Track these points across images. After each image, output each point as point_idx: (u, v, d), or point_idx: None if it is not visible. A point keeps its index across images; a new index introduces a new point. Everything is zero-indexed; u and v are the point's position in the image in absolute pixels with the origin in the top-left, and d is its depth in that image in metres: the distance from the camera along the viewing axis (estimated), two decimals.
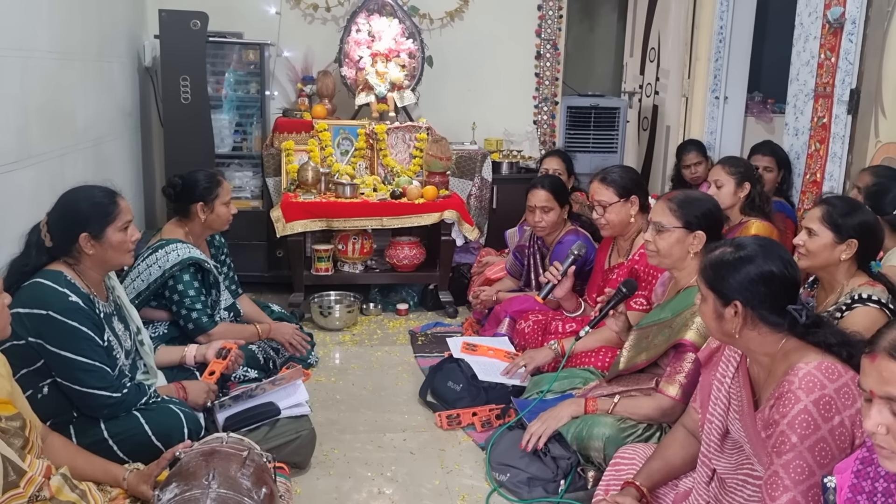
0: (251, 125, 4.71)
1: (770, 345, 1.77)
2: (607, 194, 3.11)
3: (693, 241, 2.48)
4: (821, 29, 3.94)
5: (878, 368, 1.28)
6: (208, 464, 1.86)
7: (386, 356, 3.74)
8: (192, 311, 3.02)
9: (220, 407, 2.62)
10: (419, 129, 4.64)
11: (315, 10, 5.01)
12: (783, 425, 1.63)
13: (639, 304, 2.93)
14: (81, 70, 3.61)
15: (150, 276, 2.97)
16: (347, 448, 2.81)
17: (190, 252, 3.04)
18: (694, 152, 4.61)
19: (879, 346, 1.28)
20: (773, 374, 1.77)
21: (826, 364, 1.66)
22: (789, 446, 1.61)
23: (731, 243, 1.86)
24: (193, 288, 3.03)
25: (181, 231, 3.14)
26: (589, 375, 2.90)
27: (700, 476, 1.96)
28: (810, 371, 1.65)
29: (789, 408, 1.63)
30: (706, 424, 1.95)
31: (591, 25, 7.18)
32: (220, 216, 3.17)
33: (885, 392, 1.26)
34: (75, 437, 2.25)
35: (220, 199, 3.16)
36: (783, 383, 1.68)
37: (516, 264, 4.01)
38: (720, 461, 1.93)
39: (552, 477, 2.46)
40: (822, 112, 3.94)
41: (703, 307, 1.87)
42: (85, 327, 2.22)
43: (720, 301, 1.80)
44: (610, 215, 3.12)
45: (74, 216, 2.29)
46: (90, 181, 2.46)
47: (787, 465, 1.61)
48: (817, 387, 1.62)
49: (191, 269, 3.04)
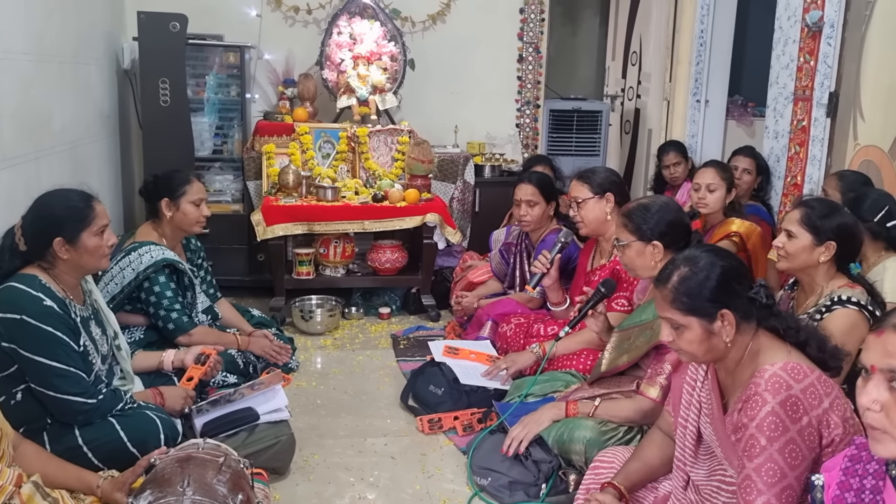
0: (232, 128, 4.68)
1: (742, 347, 1.77)
2: (582, 190, 3.15)
3: (653, 251, 2.48)
4: (800, 32, 3.97)
5: (883, 342, 1.25)
6: (183, 470, 1.83)
7: (368, 360, 3.71)
8: (172, 312, 2.99)
9: (197, 412, 2.59)
10: (401, 132, 4.63)
11: (296, 12, 4.98)
12: (752, 428, 1.63)
13: (620, 306, 2.93)
14: (58, 72, 3.57)
15: (124, 279, 2.94)
16: (328, 453, 2.79)
17: (164, 254, 3.01)
18: (673, 153, 4.64)
19: (888, 323, 1.26)
20: (740, 377, 1.77)
21: (791, 364, 1.66)
22: (759, 449, 1.61)
23: (680, 263, 1.82)
24: (170, 289, 3.00)
25: (155, 234, 3.11)
26: (570, 378, 2.89)
27: (676, 481, 1.96)
28: (776, 372, 1.65)
29: (757, 410, 1.63)
30: (679, 429, 1.94)
31: (574, 29, 7.20)
32: (188, 215, 3.12)
33: (886, 364, 1.24)
34: (49, 443, 2.21)
35: (188, 198, 3.11)
36: (750, 386, 1.67)
37: (502, 263, 4.00)
38: (695, 468, 1.92)
39: (533, 481, 2.45)
40: (802, 115, 3.96)
41: (685, 338, 1.78)
42: (60, 332, 2.18)
43: (706, 320, 1.75)
44: (584, 211, 3.14)
45: (49, 220, 2.26)
46: (66, 184, 2.42)
47: (759, 468, 1.61)
48: (783, 388, 1.62)
49: (165, 271, 3.01)
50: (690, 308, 1.76)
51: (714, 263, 1.78)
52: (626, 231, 2.53)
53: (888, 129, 3.35)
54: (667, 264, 1.88)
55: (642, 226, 2.50)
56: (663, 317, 1.82)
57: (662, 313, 1.82)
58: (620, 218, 2.57)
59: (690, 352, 1.80)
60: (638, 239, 2.50)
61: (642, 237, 2.50)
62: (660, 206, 2.55)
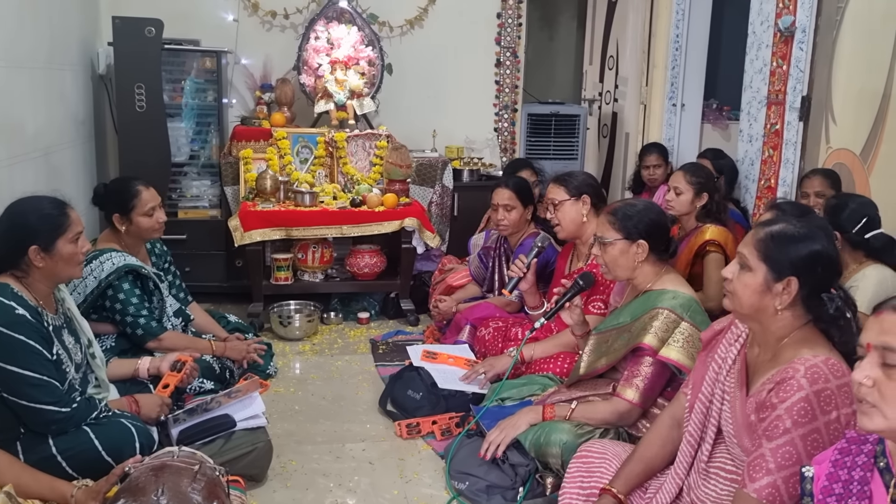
0: (209, 133, 4.65)
1: (789, 328, 1.76)
2: (559, 192, 3.17)
3: (637, 250, 2.49)
4: (772, 37, 4.02)
5: (881, 321, 1.30)
6: (158, 478, 1.82)
7: (346, 365, 3.71)
8: (139, 318, 2.96)
9: (174, 421, 2.57)
10: (379, 136, 4.63)
11: (273, 17, 4.97)
12: (781, 409, 1.63)
13: (597, 309, 2.95)
14: (31, 78, 3.54)
15: (87, 287, 2.90)
16: (306, 459, 2.78)
17: (125, 260, 2.98)
18: (655, 154, 4.67)
19: (888, 304, 1.32)
20: (777, 358, 1.75)
21: (833, 361, 1.66)
22: (782, 430, 1.62)
23: (793, 219, 1.82)
24: (136, 295, 2.98)
25: (116, 240, 3.08)
26: (547, 381, 2.90)
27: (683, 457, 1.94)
28: (817, 363, 1.65)
29: (790, 394, 1.63)
30: (697, 405, 1.93)
31: (551, 34, 7.24)
32: (142, 226, 3.07)
33: (881, 341, 1.28)
34: (22, 453, 2.19)
35: (139, 211, 3.05)
36: (787, 369, 1.67)
37: (480, 267, 4.01)
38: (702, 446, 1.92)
39: (511, 484, 2.46)
40: (775, 119, 4.01)
41: (744, 279, 1.77)
42: (32, 340, 2.16)
43: (773, 274, 1.74)
44: (560, 213, 3.16)
45: (24, 228, 2.24)
46: (40, 191, 2.40)
47: (777, 449, 1.61)
48: (821, 379, 1.63)
49: (129, 277, 2.98)
50: (769, 256, 1.75)
51: (818, 239, 1.75)
52: (612, 229, 2.52)
53: (859, 132, 3.41)
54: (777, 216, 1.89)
55: (628, 224, 2.49)
56: (740, 251, 1.81)
57: (742, 248, 1.81)
58: (605, 216, 2.56)
59: (741, 296, 1.78)
60: (624, 237, 2.50)
61: (628, 235, 2.49)
62: (644, 206, 2.57)
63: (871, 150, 3.33)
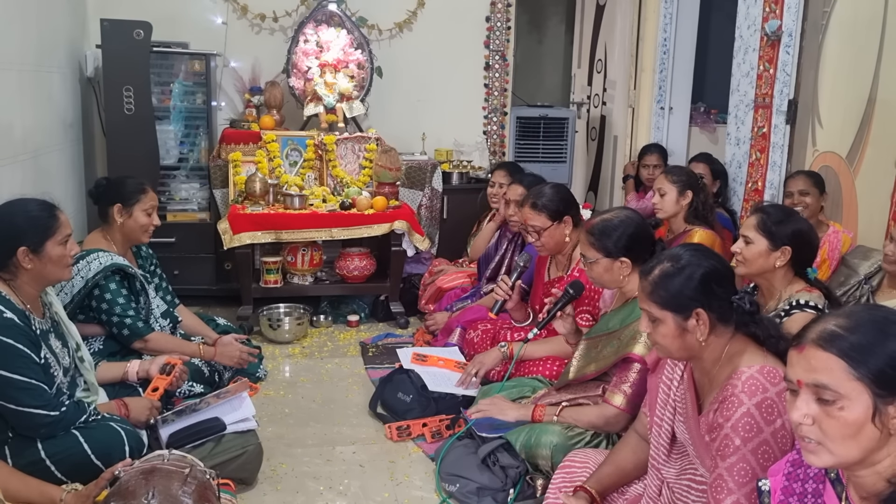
0: (198, 136, 4.64)
1: (719, 348, 1.79)
2: (540, 220, 3.10)
3: (620, 266, 2.50)
4: (759, 41, 4.05)
5: (807, 357, 1.28)
6: (148, 482, 1.81)
7: (336, 368, 3.71)
8: (126, 318, 2.95)
9: (163, 423, 2.56)
10: (368, 139, 4.63)
11: (262, 20, 4.97)
12: (727, 428, 1.66)
13: (585, 321, 2.94)
14: (18, 80, 3.52)
15: (73, 287, 2.88)
16: (296, 462, 2.78)
17: (112, 259, 2.97)
18: (655, 155, 4.73)
19: (807, 338, 1.30)
20: (716, 379, 1.79)
21: (768, 368, 1.69)
22: (733, 449, 1.64)
23: (664, 258, 1.86)
24: (122, 295, 2.96)
25: (104, 241, 3.06)
26: (537, 384, 2.91)
27: (651, 481, 1.98)
28: (752, 375, 1.68)
29: (732, 411, 1.66)
30: (654, 428, 1.97)
31: (540, 37, 7.26)
32: (139, 222, 3.08)
33: (812, 379, 1.27)
34: (11, 458, 2.18)
35: (141, 206, 3.07)
36: (726, 387, 1.70)
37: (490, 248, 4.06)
38: (666, 466, 1.95)
39: (501, 486, 2.47)
40: (762, 122, 4.04)
41: (660, 331, 1.82)
42: (20, 344, 2.15)
43: (680, 316, 1.78)
44: (545, 239, 3.12)
45: (12, 230, 2.23)
46: (28, 194, 2.39)
47: (731, 467, 1.64)
48: (759, 390, 1.65)
49: (116, 277, 2.97)
50: (666, 303, 1.79)
51: (696, 263, 1.80)
52: (593, 249, 2.52)
53: (845, 136, 3.44)
54: (653, 258, 1.92)
55: (607, 243, 2.49)
56: (642, 307, 1.86)
57: (642, 304, 1.86)
58: (585, 236, 2.56)
59: (664, 346, 1.83)
60: (604, 256, 2.51)
61: (609, 254, 2.50)
62: (621, 220, 2.52)
63: (857, 154, 3.36)
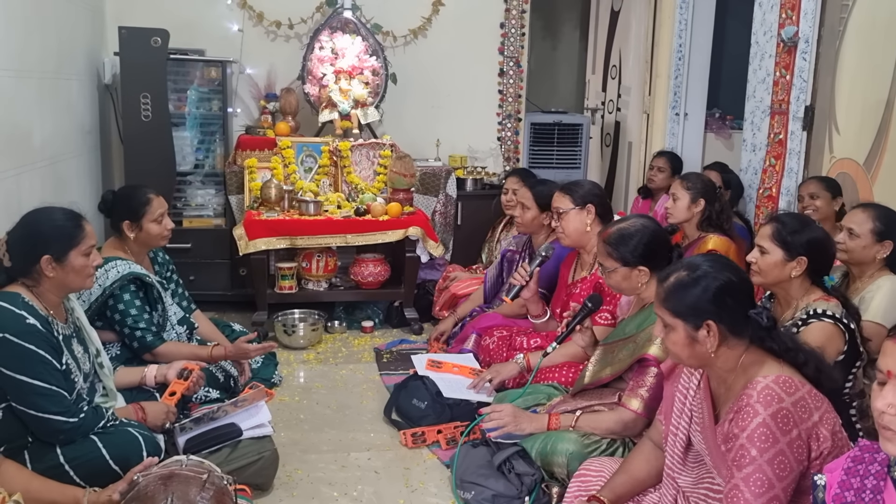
0: (213, 142, 4.67)
1: (733, 359, 1.79)
2: (564, 202, 3.21)
3: (638, 274, 2.51)
4: (776, 47, 4.04)
5: None
6: (167, 487, 1.83)
7: (350, 374, 3.71)
8: (136, 330, 2.96)
9: (180, 430, 2.58)
10: (383, 145, 4.65)
11: (278, 27, 5.00)
12: (742, 439, 1.65)
13: (604, 319, 2.95)
14: (38, 87, 3.56)
15: (91, 295, 2.90)
16: (311, 468, 2.78)
17: (130, 268, 2.98)
18: (663, 158, 4.74)
19: None
20: (732, 388, 1.79)
21: (784, 378, 1.69)
22: (749, 459, 1.64)
23: (682, 267, 1.87)
24: (135, 306, 2.97)
25: (120, 249, 3.08)
26: (552, 391, 2.91)
27: (666, 490, 1.98)
28: (768, 385, 1.67)
29: (748, 421, 1.65)
30: (670, 436, 1.96)
31: (554, 43, 7.27)
32: (152, 233, 3.08)
33: None
34: (30, 462, 2.20)
35: (149, 217, 3.06)
36: (742, 397, 1.70)
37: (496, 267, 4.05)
38: (682, 475, 1.94)
39: (517, 494, 2.46)
40: (779, 128, 4.02)
41: (671, 338, 1.84)
42: (42, 350, 2.16)
43: (691, 326, 1.79)
44: (564, 222, 3.18)
45: (37, 237, 2.25)
46: (47, 200, 2.42)
47: (748, 478, 1.63)
48: (775, 400, 1.65)
49: (131, 287, 2.98)
50: (678, 311, 1.81)
51: (713, 275, 1.80)
52: (610, 258, 2.55)
53: (862, 142, 3.42)
54: (672, 264, 1.94)
55: (624, 252, 2.52)
56: (657, 312, 1.88)
57: (656, 308, 1.88)
58: (602, 246, 2.58)
59: (675, 352, 1.85)
60: (622, 265, 2.53)
61: (626, 263, 2.52)
62: (637, 229, 2.54)
63: (875, 160, 3.34)
